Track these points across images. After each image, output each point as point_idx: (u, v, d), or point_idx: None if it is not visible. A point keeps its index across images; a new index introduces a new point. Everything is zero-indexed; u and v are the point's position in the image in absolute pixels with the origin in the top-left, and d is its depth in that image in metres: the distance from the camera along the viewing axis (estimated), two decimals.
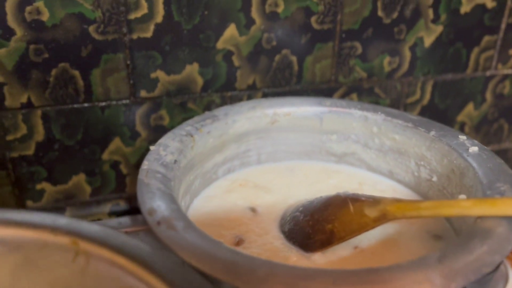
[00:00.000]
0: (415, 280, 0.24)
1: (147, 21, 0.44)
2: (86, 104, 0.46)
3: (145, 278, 0.23)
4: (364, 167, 0.45)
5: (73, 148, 0.47)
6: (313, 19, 0.49)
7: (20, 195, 0.48)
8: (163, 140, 0.38)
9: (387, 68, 0.54)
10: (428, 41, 0.54)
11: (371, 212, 0.33)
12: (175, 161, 0.35)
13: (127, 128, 0.48)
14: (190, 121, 0.41)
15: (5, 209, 0.27)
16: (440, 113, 0.59)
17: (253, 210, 0.39)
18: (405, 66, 0.55)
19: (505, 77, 0.60)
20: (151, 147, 0.37)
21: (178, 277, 0.23)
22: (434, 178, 0.39)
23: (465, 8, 0.54)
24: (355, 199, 0.34)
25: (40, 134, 0.46)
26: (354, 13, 0.50)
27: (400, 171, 0.43)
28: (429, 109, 0.59)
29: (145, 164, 0.34)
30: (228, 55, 0.48)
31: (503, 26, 0.56)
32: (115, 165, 0.49)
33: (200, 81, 0.48)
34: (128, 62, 0.45)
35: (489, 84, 0.60)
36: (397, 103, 0.57)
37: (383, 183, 0.44)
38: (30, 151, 0.46)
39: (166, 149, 0.36)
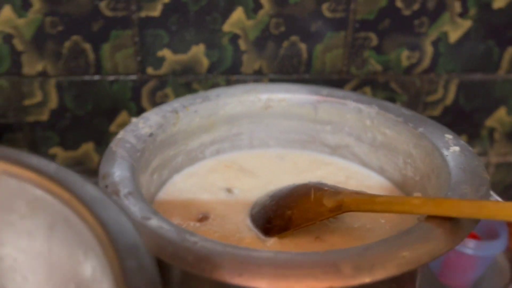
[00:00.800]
0: (325, 268, 0.23)
1: (155, 0, 0.46)
2: (96, 77, 0.49)
3: (54, 190, 0.23)
4: (356, 161, 0.44)
5: (83, 118, 0.50)
6: (324, 6, 0.48)
7: None
8: (147, 113, 0.39)
9: (405, 63, 0.52)
10: (453, 36, 0.51)
11: (329, 202, 0.32)
12: (151, 134, 0.37)
13: (134, 103, 0.50)
14: (181, 99, 0.42)
15: None
16: (465, 115, 0.56)
17: (229, 191, 0.40)
18: (426, 61, 0.52)
19: None
20: (133, 119, 0.38)
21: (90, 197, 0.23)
22: (417, 177, 0.37)
23: (498, 3, 0.50)
24: (318, 188, 0.33)
25: (53, 102, 0.49)
26: (369, 3, 0.48)
27: (390, 168, 0.41)
28: (452, 110, 0.55)
29: (120, 134, 0.36)
30: (234, 38, 0.48)
31: None
32: None
33: (205, 62, 0.49)
34: (136, 39, 0.47)
35: None
36: (415, 100, 0.54)
37: (372, 179, 0.42)
38: (44, 117, 0.50)
39: (146, 122, 0.38)
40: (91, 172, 0.53)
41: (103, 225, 0.21)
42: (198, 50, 0.49)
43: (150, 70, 0.49)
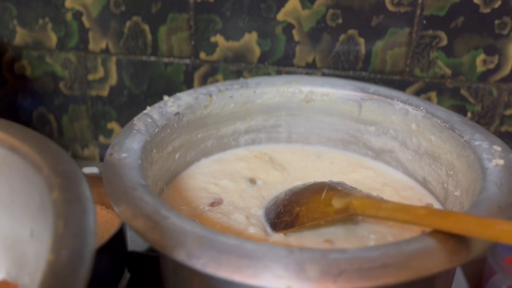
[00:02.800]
0: (287, 267, 0.21)
1: None
2: (152, 58, 0.50)
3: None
4: (400, 169, 0.39)
5: (139, 96, 0.52)
6: None
7: (95, 130, 0.55)
8: (180, 93, 0.39)
9: (480, 68, 0.46)
10: None
11: (337, 203, 0.29)
12: (177, 113, 0.37)
13: (186, 86, 0.51)
14: (219, 83, 0.41)
15: None
16: None
17: (252, 181, 0.38)
18: (507, 68, 0.45)
19: None
20: (165, 97, 0.38)
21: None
22: (457, 192, 0.32)
23: None
24: (332, 188, 0.30)
25: (113, 79, 0.52)
26: None
27: (433, 180, 0.36)
28: None
29: (147, 109, 0.36)
30: (288, 28, 0.47)
31: None
32: None
33: (257, 51, 0.48)
34: (191, 23, 0.48)
35: None
36: (491, 112, 0.47)
37: (412, 190, 0.37)
38: (105, 92, 0.53)
39: (176, 101, 0.38)
40: None
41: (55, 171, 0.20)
42: (250, 38, 0.48)
43: (203, 55, 0.49)
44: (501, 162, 0.28)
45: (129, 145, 0.31)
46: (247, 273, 0.21)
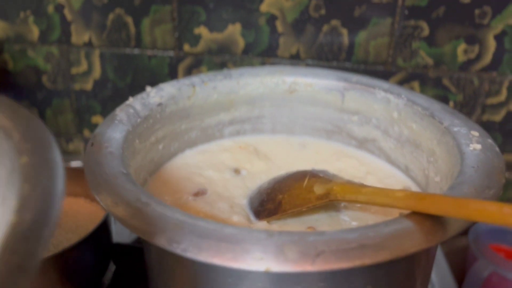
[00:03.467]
0: (267, 249, 0.21)
1: None
2: (136, 51, 0.50)
3: None
4: (383, 157, 0.40)
5: (123, 89, 0.52)
6: None
7: (80, 124, 0.55)
8: (163, 84, 0.39)
9: (461, 57, 0.46)
10: None
11: (318, 189, 0.29)
12: (159, 104, 0.36)
13: (170, 78, 0.51)
14: (202, 74, 0.41)
15: None
16: None
17: (236, 171, 0.38)
18: (487, 58, 0.46)
19: None
20: (147, 88, 0.38)
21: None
22: (438, 178, 0.32)
23: None
24: (314, 175, 0.31)
25: (97, 72, 0.52)
26: None
27: (415, 167, 0.37)
28: None
29: (129, 100, 0.36)
30: (271, 19, 0.47)
31: None
32: None
33: (241, 42, 0.48)
34: (175, 14, 0.48)
35: None
36: (472, 101, 0.48)
37: (394, 177, 0.38)
38: (88, 85, 0.52)
39: (158, 92, 0.38)
40: None
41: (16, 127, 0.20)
42: (234, 30, 0.48)
43: (186, 47, 0.49)
44: (478, 146, 0.29)
45: (111, 135, 0.31)
46: (227, 257, 0.21)
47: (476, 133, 0.30)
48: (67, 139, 0.56)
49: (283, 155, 0.41)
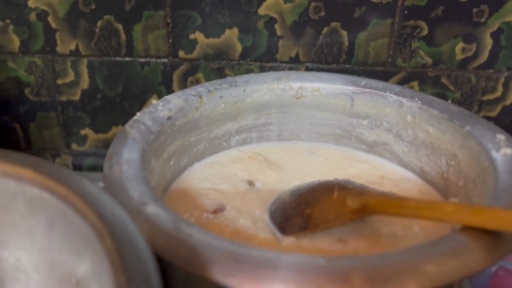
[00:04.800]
0: (333, 278, 0.20)
1: None
2: (127, 58, 0.48)
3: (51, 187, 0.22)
4: (395, 160, 0.40)
5: (114, 99, 0.50)
6: None
7: (67, 137, 0.52)
8: (169, 96, 0.37)
9: (459, 56, 0.47)
10: None
11: (352, 203, 0.28)
12: (169, 118, 0.35)
13: (164, 87, 0.49)
14: (207, 83, 0.39)
15: None
16: None
17: (250, 183, 0.37)
18: (484, 55, 0.47)
19: None
20: (153, 101, 0.36)
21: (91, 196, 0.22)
22: (461, 182, 0.32)
23: None
24: (342, 187, 0.30)
25: (85, 82, 0.49)
26: None
27: (431, 170, 0.36)
28: None
29: (137, 115, 0.34)
30: (270, 22, 0.46)
31: None
32: None
33: (239, 47, 0.47)
34: (168, 20, 0.46)
35: None
36: (470, 98, 0.49)
37: (410, 181, 0.38)
38: (76, 97, 0.49)
39: (166, 104, 0.36)
40: None
41: (101, 218, 0.19)
42: (231, 34, 0.46)
43: (181, 54, 0.47)
44: (509, 151, 0.29)
45: (128, 155, 0.29)
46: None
47: (502, 137, 0.30)
48: (53, 154, 0.53)
49: (293, 163, 0.40)
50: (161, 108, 0.35)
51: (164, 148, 0.34)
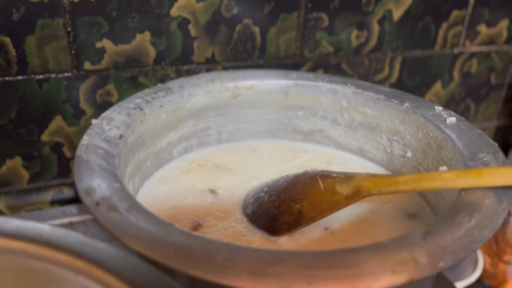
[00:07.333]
0: (398, 260, 0.20)
1: None
2: (20, 77, 0.40)
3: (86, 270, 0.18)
4: (332, 145, 0.42)
5: (6, 127, 0.42)
6: None
7: None
8: (107, 113, 0.33)
9: (354, 43, 0.51)
10: (397, 14, 0.52)
11: (343, 189, 0.29)
12: (121, 136, 0.31)
13: (70, 105, 0.43)
14: (140, 94, 0.36)
15: None
16: (408, 92, 0.57)
17: (213, 192, 0.35)
18: (373, 40, 0.52)
19: (473, 55, 0.59)
20: (93, 121, 0.32)
21: (127, 269, 0.19)
22: (408, 154, 0.36)
23: None
24: (325, 176, 0.31)
25: None
26: None
27: (371, 148, 0.40)
28: (397, 87, 0.56)
29: (85, 139, 0.29)
30: (183, 23, 0.43)
31: (471, 0, 0.54)
32: (56, 147, 0.44)
33: (152, 52, 0.44)
34: (69, 29, 0.40)
35: (457, 62, 0.58)
36: (364, 80, 0.54)
37: (353, 161, 0.41)
38: None
39: (110, 122, 0.32)
40: (21, 192, 0.45)
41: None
42: (143, 39, 0.43)
43: (87, 65, 0.42)
44: (453, 119, 0.33)
45: (109, 185, 0.25)
46: (367, 279, 0.20)
47: (439, 108, 0.35)
48: None
49: (242, 164, 0.40)
50: (107, 127, 0.31)
51: (124, 171, 0.30)
